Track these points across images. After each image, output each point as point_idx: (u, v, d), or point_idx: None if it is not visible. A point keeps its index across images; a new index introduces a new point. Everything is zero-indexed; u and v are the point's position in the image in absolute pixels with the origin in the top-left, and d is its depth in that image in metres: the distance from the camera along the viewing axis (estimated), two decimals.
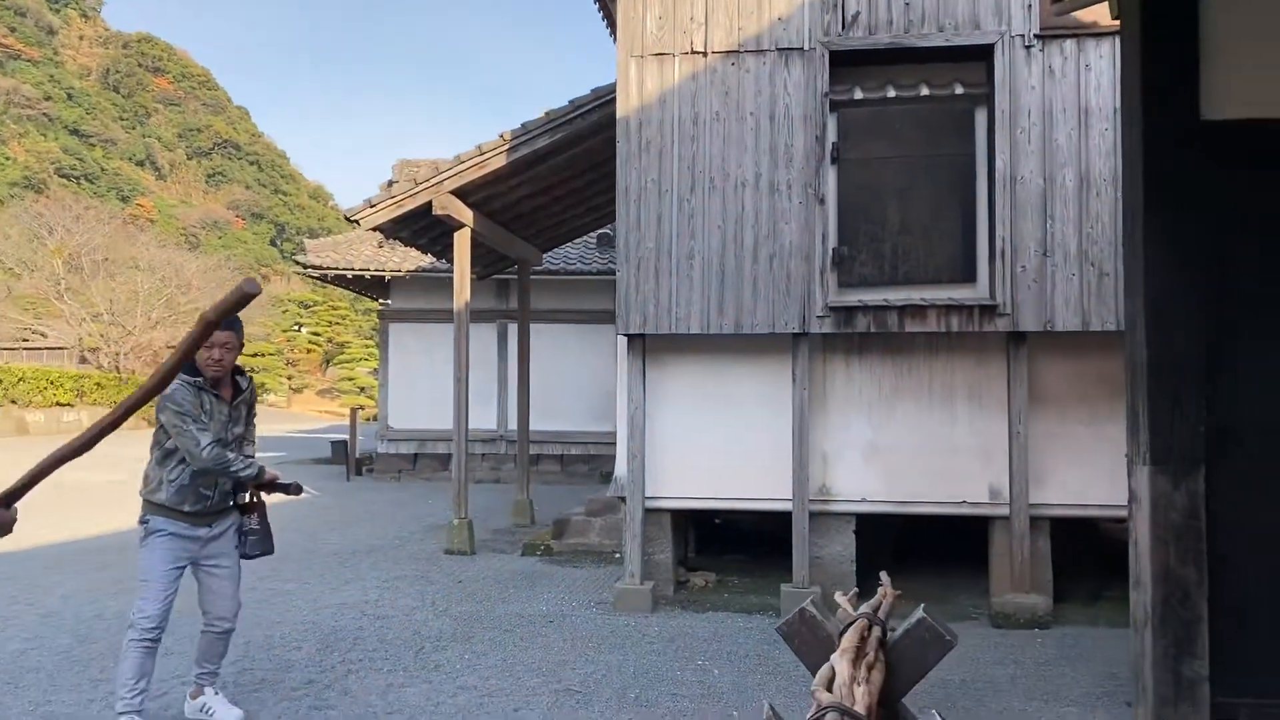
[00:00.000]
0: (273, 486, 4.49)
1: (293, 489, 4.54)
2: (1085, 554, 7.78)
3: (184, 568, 4.31)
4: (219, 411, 4.29)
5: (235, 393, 4.42)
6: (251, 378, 4.59)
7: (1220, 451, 3.65)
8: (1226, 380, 3.67)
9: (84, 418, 33.24)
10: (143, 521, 4.29)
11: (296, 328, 54.88)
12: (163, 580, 4.20)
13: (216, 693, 4.51)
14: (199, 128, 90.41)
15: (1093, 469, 6.65)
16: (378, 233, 10.09)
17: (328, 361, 54.72)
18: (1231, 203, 3.69)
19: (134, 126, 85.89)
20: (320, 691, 4.93)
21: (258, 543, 4.54)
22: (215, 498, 4.33)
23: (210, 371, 4.22)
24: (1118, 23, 4.14)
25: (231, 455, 4.23)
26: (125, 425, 1.93)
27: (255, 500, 4.54)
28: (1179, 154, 3.71)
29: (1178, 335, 3.67)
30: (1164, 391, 3.67)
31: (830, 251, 6.82)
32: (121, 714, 4.16)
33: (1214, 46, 3.73)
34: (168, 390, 4.08)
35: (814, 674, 3.10)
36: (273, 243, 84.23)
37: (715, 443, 7.14)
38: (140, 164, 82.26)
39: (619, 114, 7.08)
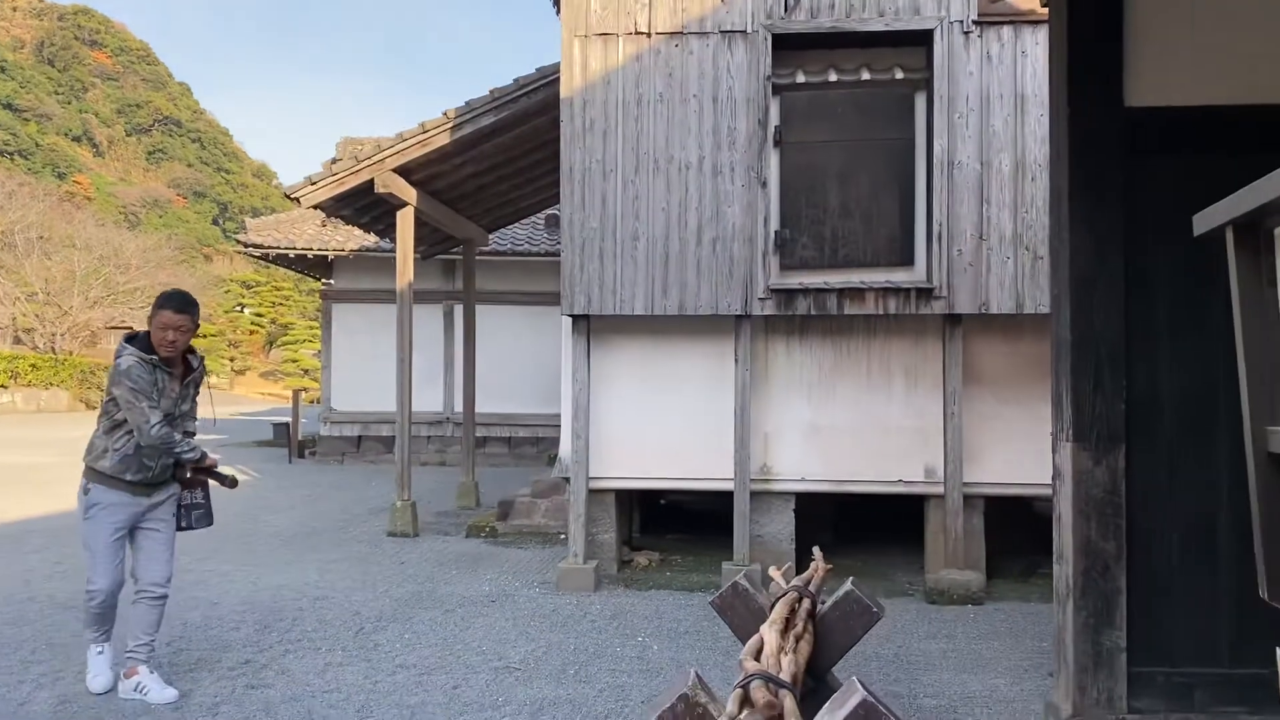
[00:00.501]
0: (210, 473, 4.63)
1: (228, 482, 4.68)
2: (1018, 532, 7.97)
3: (125, 536, 4.48)
4: (170, 389, 4.45)
5: (187, 371, 4.57)
6: (203, 357, 4.73)
7: (1139, 429, 3.77)
8: (1145, 360, 3.78)
9: (18, 400, 32.45)
10: (84, 490, 4.43)
11: (239, 308, 53.97)
12: (107, 551, 4.40)
13: (152, 671, 4.50)
14: (138, 103, 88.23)
15: (1025, 448, 6.80)
16: (319, 211, 9.96)
17: (271, 343, 53.87)
18: (1152, 187, 3.79)
19: (70, 101, 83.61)
20: (257, 671, 4.90)
21: (202, 516, 4.72)
22: (156, 469, 4.45)
23: (165, 351, 4.37)
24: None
25: (178, 436, 4.39)
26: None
27: (198, 476, 4.65)
28: (1102, 139, 3.80)
29: (1099, 316, 3.77)
30: (1085, 371, 3.77)
31: (772, 234, 6.89)
32: (90, 646, 4.58)
33: (1138, 35, 3.83)
34: (123, 365, 4.27)
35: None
36: (215, 222, 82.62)
37: (659, 423, 7.20)
38: (77, 140, 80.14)
39: (563, 94, 7.06)
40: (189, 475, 4.60)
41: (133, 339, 4.41)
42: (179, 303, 4.38)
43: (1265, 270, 1.69)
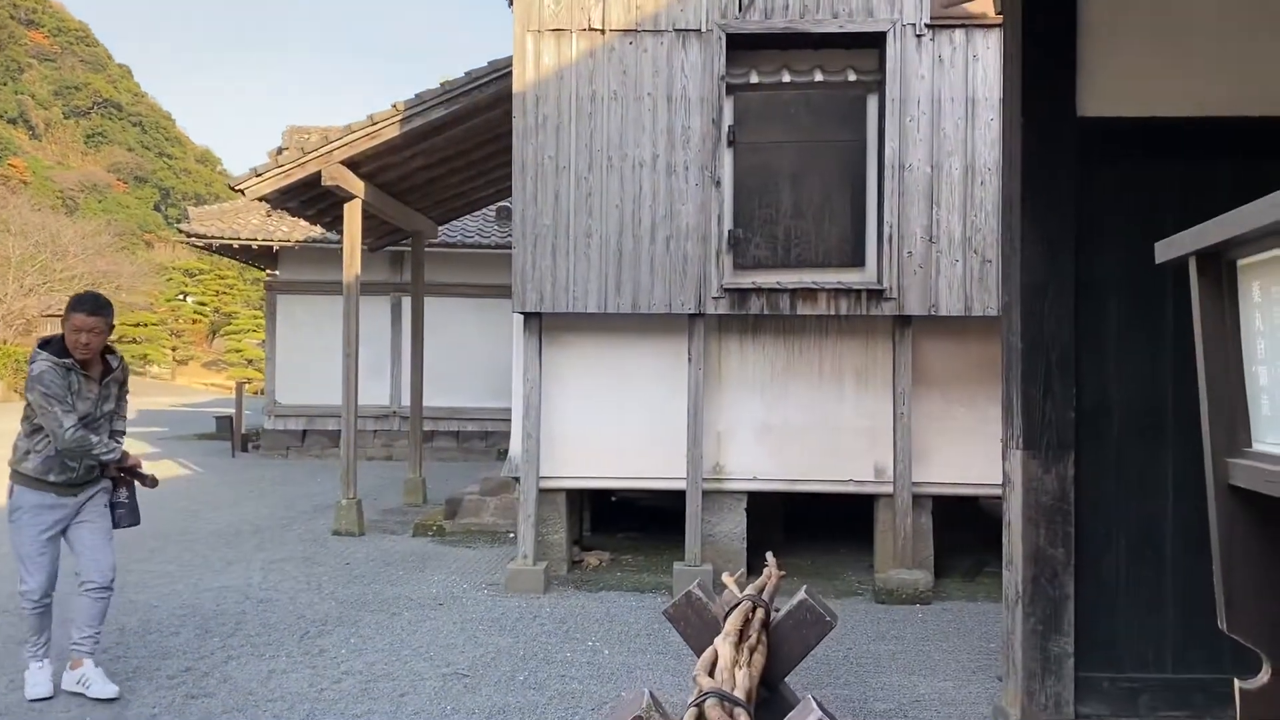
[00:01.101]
0: (132, 473, 4.63)
1: (149, 481, 4.67)
2: (965, 530, 8.07)
3: (56, 536, 4.46)
4: (88, 390, 4.41)
5: (106, 371, 4.51)
6: (121, 356, 4.66)
7: (1089, 436, 3.81)
8: (1095, 369, 3.82)
9: None
10: (9, 493, 4.42)
11: (181, 297, 52.81)
12: (35, 554, 4.39)
13: (96, 665, 4.50)
14: (77, 85, 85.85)
15: (973, 449, 6.87)
16: (265, 203, 9.75)
17: (214, 333, 52.86)
18: (1103, 196, 3.83)
19: (5, 82, 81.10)
20: (199, 679, 4.78)
21: (125, 515, 4.66)
22: (80, 470, 4.42)
23: (79, 354, 4.32)
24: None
25: (95, 439, 4.34)
26: None
27: (123, 475, 4.63)
28: (1055, 148, 3.83)
29: (1049, 324, 3.80)
30: (1036, 378, 3.80)
31: (726, 233, 6.87)
32: (30, 661, 4.50)
33: (1092, 46, 3.86)
34: (35, 371, 4.25)
35: (699, 655, 3.14)
36: (157, 208, 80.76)
37: (611, 422, 7.15)
38: (13, 122, 77.79)
39: (515, 89, 6.97)
40: (113, 475, 4.59)
41: (46, 344, 4.38)
42: (91, 305, 4.32)
43: (1227, 302, 1.69)
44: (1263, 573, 1.69)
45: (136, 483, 4.66)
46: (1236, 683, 1.73)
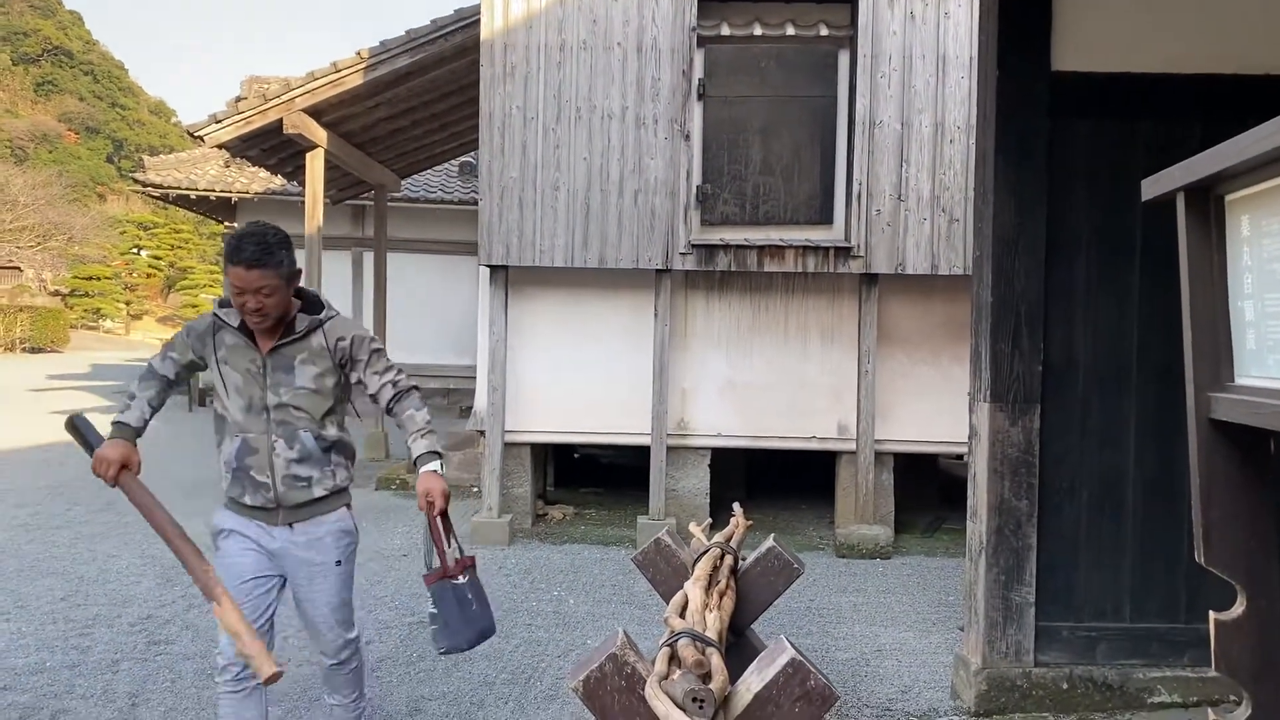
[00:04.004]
0: (445, 525, 3.01)
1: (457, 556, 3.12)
2: (925, 488, 8.16)
3: (268, 580, 2.94)
4: (244, 359, 2.86)
5: (286, 334, 2.87)
6: (327, 309, 3.00)
7: (1055, 390, 3.85)
8: (1063, 322, 3.86)
9: None
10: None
11: (135, 250, 51.78)
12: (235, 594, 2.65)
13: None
14: (25, 31, 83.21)
15: (935, 407, 6.94)
16: (224, 151, 9.54)
17: (169, 287, 51.95)
18: (1074, 151, 3.84)
19: None
20: (160, 626, 4.73)
21: (472, 617, 3.00)
22: (278, 485, 2.87)
23: (251, 322, 2.81)
24: None
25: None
26: None
27: (457, 552, 3.04)
28: (1028, 102, 3.83)
29: (1019, 278, 3.82)
30: (1004, 332, 3.83)
31: (694, 189, 6.83)
32: None
33: (1067, 0, 3.85)
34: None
35: (667, 601, 3.15)
36: (109, 159, 78.85)
37: (577, 376, 7.13)
38: None
39: (483, 36, 6.86)
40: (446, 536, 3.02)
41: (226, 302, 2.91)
42: (252, 252, 2.70)
43: (1214, 237, 1.70)
44: (1240, 506, 1.71)
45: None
46: (1212, 615, 1.77)
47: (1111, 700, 3.81)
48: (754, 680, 2.28)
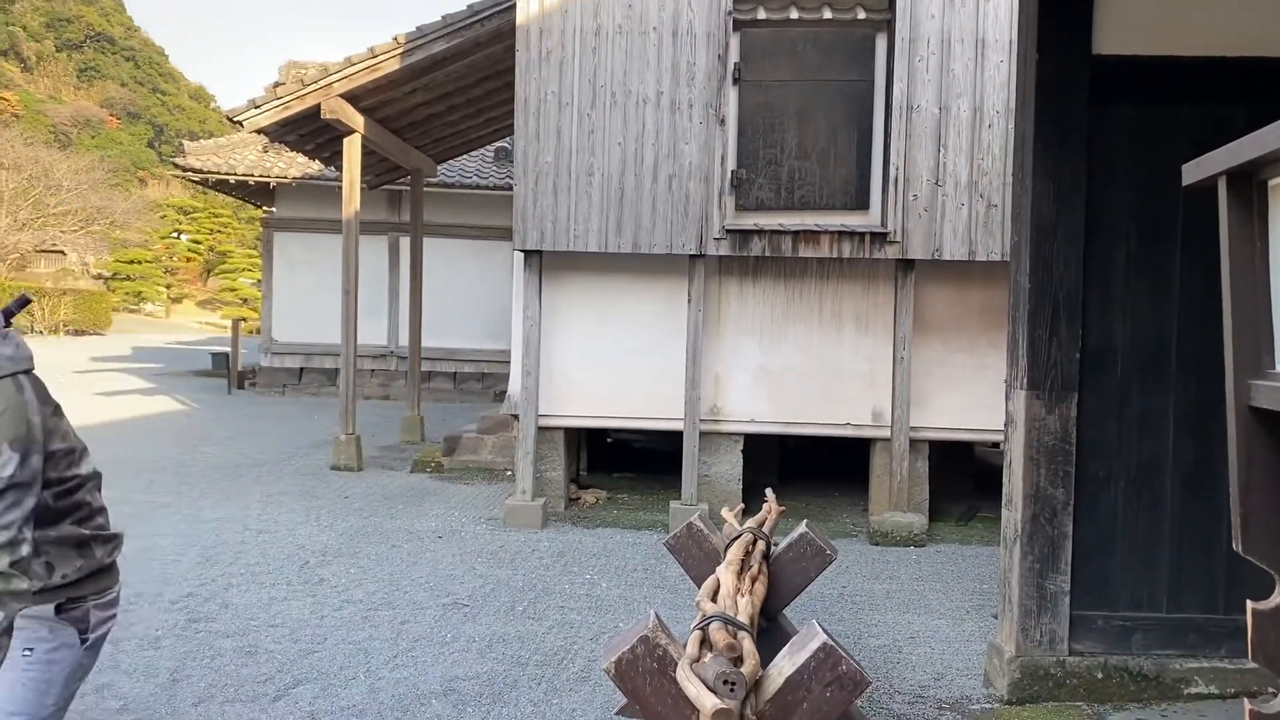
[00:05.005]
0: None
1: None
2: (960, 476, 8.11)
3: None
4: None
5: None
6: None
7: (1092, 378, 3.81)
8: (1101, 310, 3.81)
9: None
10: None
11: (176, 235, 52.44)
12: None
13: None
14: (69, 18, 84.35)
15: (971, 395, 6.89)
16: (263, 136, 9.64)
17: (208, 271, 52.57)
18: (1115, 136, 3.79)
19: None
20: (200, 604, 4.82)
21: None
22: None
23: None
24: None
25: None
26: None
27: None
28: (1069, 86, 3.78)
29: (1057, 266, 3.78)
30: (1042, 318, 3.79)
31: (729, 174, 6.81)
32: None
33: None
34: None
35: (699, 586, 3.16)
36: (150, 144, 79.82)
37: (610, 361, 7.15)
38: (4, 54, 76.57)
39: (519, 21, 6.86)
40: None
41: None
42: None
43: (1257, 223, 1.67)
44: (1279, 494, 1.69)
45: None
46: (1250, 604, 1.75)
47: (1147, 691, 3.77)
48: (785, 664, 2.28)
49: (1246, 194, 1.67)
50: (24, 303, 2.34)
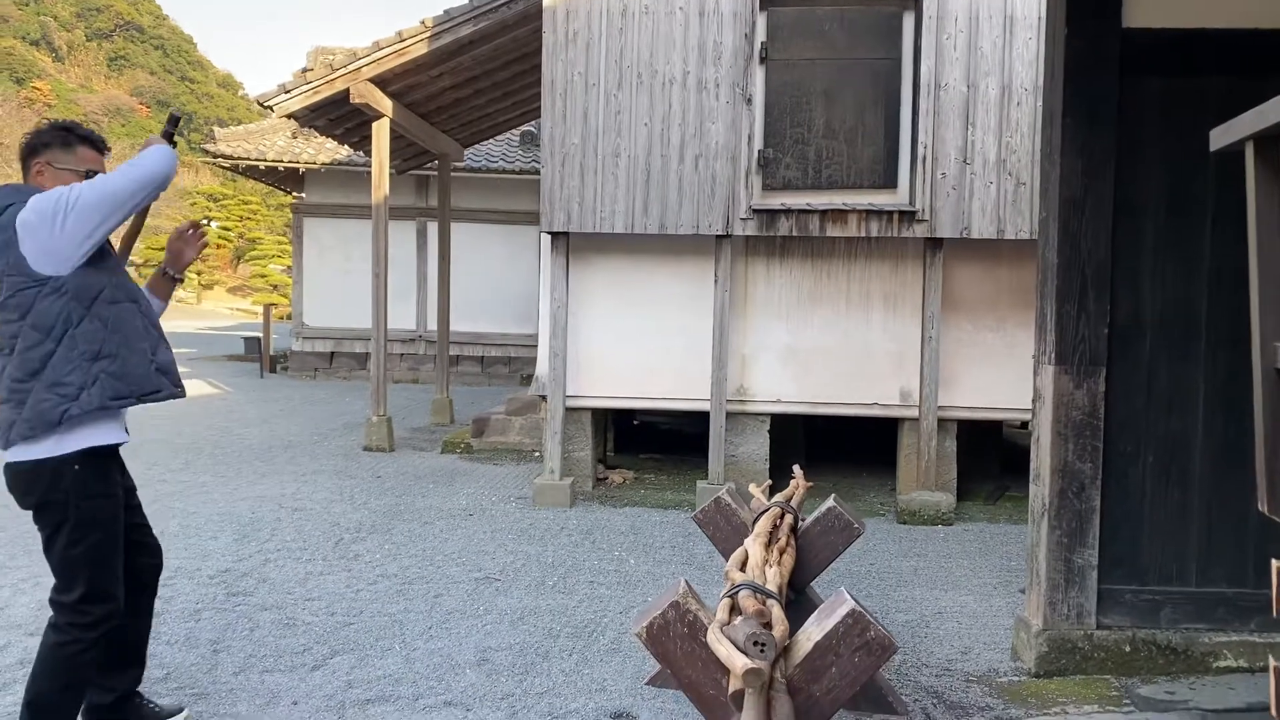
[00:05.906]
0: None
1: None
2: (988, 455, 8.10)
3: None
4: None
5: None
6: None
7: (1120, 352, 3.81)
8: (1129, 284, 3.81)
9: None
10: None
11: (206, 221, 52.88)
12: None
13: None
14: (99, 8, 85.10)
15: (999, 374, 6.88)
16: (292, 120, 9.73)
17: (238, 258, 53.02)
18: (1145, 111, 3.77)
19: (27, 3, 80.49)
20: (237, 579, 4.92)
21: None
22: None
23: None
24: None
25: None
26: None
27: None
28: (1098, 60, 3.76)
29: (1086, 239, 3.78)
30: (1070, 294, 3.79)
31: (756, 153, 6.82)
32: None
33: None
34: None
35: (727, 560, 3.21)
36: (180, 132, 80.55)
37: (637, 342, 7.19)
38: (36, 44, 77.36)
39: (545, 3, 6.89)
40: None
41: None
42: None
43: None
44: None
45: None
46: (1275, 562, 1.77)
47: (1175, 664, 3.78)
48: (814, 630, 2.33)
49: (1274, 158, 1.68)
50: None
